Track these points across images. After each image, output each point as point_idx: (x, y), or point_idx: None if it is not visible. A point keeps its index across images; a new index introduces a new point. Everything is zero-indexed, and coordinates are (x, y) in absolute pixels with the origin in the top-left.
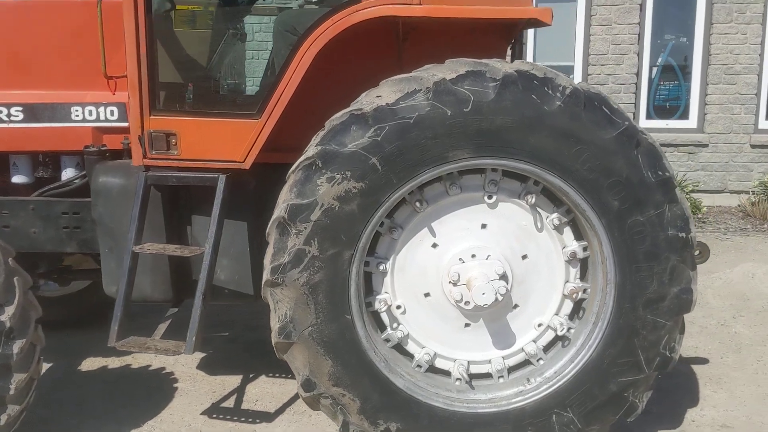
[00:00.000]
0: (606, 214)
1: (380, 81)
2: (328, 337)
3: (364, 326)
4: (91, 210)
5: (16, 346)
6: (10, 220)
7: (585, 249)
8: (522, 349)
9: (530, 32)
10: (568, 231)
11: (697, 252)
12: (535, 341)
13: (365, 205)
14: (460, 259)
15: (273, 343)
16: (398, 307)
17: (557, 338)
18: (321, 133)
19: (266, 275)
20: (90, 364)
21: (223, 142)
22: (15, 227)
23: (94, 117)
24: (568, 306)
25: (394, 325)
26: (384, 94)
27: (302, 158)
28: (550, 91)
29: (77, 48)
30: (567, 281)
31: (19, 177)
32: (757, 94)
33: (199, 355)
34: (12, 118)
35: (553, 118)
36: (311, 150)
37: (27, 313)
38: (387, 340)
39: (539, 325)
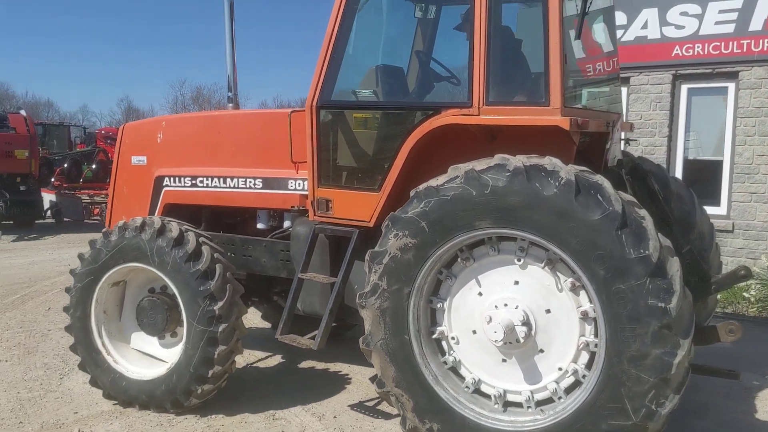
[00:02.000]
0: (594, 280)
1: None
2: (392, 349)
3: (420, 346)
4: (290, 249)
5: (221, 327)
6: (252, 252)
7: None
8: (546, 387)
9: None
10: (583, 293)
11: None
12: (557, 382)
13: (417, 256)
14: (495, 306)
15: (361, 349)
16: (453, 338)
17: (578, 382)
18: None
19: (357, 300)
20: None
21: (358, 208)
22: (254, 257)
23: (293, 187)
24: (585, 356)
25: (450, 351)
26: (440, 178)
27: (384, 221)
28: (550, 180)
29: (283, 143)
30: (582, 335)
31: (260, 224)
32: None
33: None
34: (256, 186)
35: (550, 200)
36: (389, 215)
37: (232, 308)
38: (445, 363)
39: (560, 368)
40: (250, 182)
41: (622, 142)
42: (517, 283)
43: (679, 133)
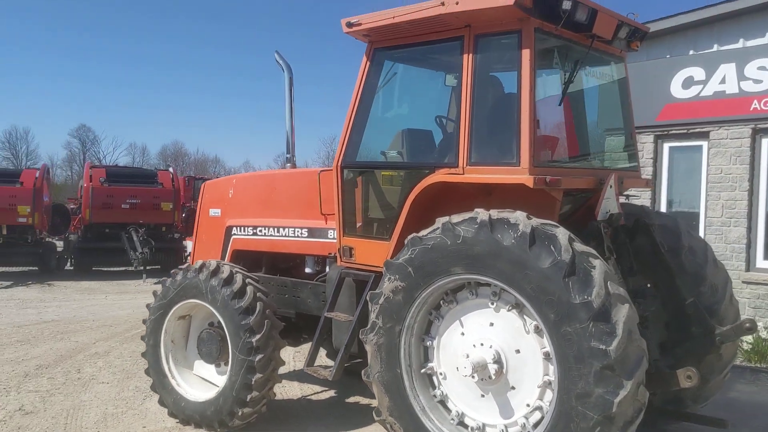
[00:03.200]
0: (547, 323)
1: None
2: (386, 381)
3: (411, 379)
4: (326, 290)
5: (258, 357)
6: (300, 293)
7: None
8: (517, 422)
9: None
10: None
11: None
12: (526, 417)
13: (406, 297)
14: (473, 345)
15: (363, 381)
16: (441, 373)
17: (543, 417)
18: None
19: (360, 336)
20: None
21: (374, 254)
22: (302, 298)
23: (331, 236)
24: (549, 393)
25: (439, 386)
26: (427, 229)
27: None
28: (510, 231)
29: (315, 197)
30: (546, 374)
31: (308, 269)
32: None
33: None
34: (302, 234)
35: (509, 250)
36: (385, 261)
37: (269, 341)
38: (434, 396)
39: (527, 405)
40: (297, 231)
41: (624, 197)
42: (492, 324)
43: (761, 187)
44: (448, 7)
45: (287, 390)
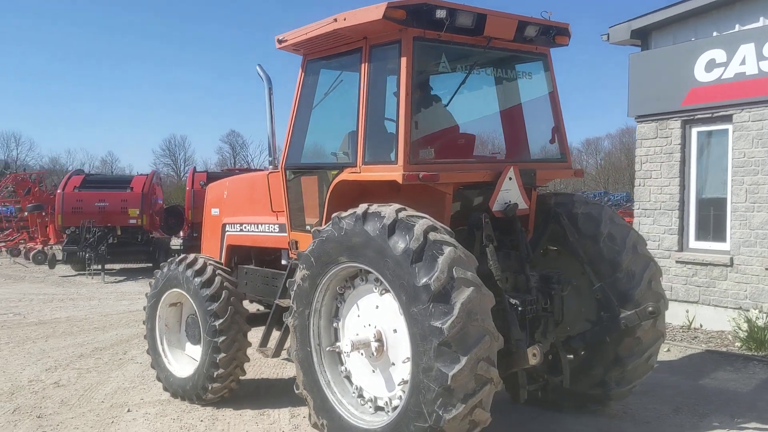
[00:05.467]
0: (401, 304)
1: None
2: (301, 359)
3: (319, 357)
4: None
5: (221, 339)
6: (277, 283)
7: None
8: (396, 394)
9: None
10: None
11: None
12: (402, 390)
13: (311, 284)
14: (363, 326)
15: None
16: (345, 352)
17: None
18: None
19: (283, 319)
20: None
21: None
22: (277, 287)
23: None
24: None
25: (344, 363)
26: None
27: None
28: (377, 223)
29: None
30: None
31: (283, 260)
32: None
33: None
34: (274, 230)
35: (374, 240)
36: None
37: (232, 325)
38: (341, 372)
39: (403, 379)
40: (270, 227)
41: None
42: (377, 307)
43: None
44: (339, 23)
45: (270, 370)
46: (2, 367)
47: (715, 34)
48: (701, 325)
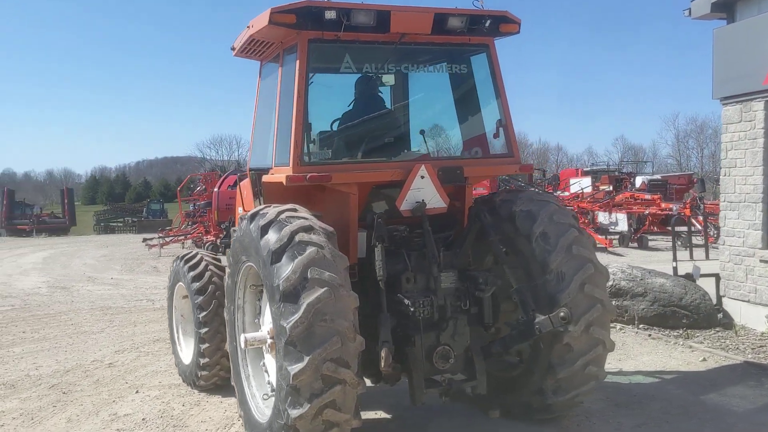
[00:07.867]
0: (267, 302)
1: None
2: (232, 352)
3: (243, 352)
4: None
5: (204, 330)
6: None
7: None
8: None
9: None
10: None
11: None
12: None
13: (232, 281)
14: (264, 323)
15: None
16: (242, 348)
17: None
18: None
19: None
20: None
21: None
22: None
23: None
24: None
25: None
26: None
27: None
28: (258, 224)
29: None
30: None
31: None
32: None
33: None
34: None
35: (254, 240)
36: None
37: (215, 317)
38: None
39: None
40: None
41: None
42: None
43: None
44: (250, 30)
45: None
46: (84, 348)
47: None
48: None
